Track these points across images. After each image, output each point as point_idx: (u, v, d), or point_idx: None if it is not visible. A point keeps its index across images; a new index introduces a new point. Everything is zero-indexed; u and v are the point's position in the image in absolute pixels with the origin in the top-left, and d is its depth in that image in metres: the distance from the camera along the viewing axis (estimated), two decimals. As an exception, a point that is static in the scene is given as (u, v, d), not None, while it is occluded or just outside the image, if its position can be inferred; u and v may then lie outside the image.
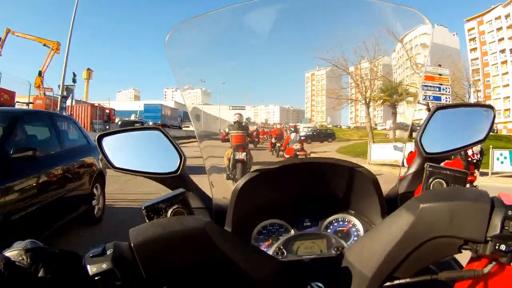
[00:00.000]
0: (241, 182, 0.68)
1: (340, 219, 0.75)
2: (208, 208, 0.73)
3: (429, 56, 10.66)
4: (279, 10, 0.80)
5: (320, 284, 0.50)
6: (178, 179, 0.70)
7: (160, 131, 0.72)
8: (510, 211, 0.41)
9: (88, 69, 32.52)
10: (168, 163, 0.71)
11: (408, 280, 0.47)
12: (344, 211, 0.75)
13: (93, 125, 23.19)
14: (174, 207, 0.53)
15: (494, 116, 0.73)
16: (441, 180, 0.61)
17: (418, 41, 16.36)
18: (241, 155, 4.22)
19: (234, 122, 4.03)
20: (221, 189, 0.79)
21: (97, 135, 0.71)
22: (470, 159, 4.68)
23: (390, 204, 0.71)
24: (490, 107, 0.73)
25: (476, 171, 4.82)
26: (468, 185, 4.19)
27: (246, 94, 1.27)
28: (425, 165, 0.63)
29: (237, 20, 0.79)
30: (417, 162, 0.73)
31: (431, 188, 0.61)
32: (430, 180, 0.61)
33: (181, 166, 0.71)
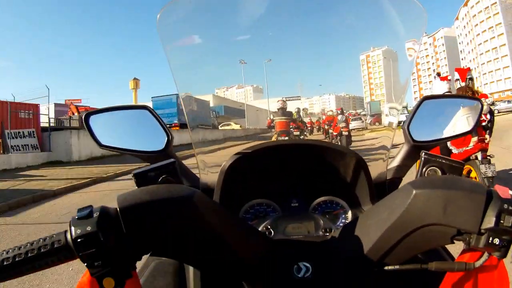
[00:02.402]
0: (228, 162, 0.68)
1: (328, 202, 0.75)
2: (195, 187, 0.72)
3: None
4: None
5: (307, 264, 0.49)
6: (165, 158, 0.70)
7: (147, 109, 0.72)
8: (506, 205, 0.40)
9: (135, 78, 30.53)
10: (155, 142, 0.71)
11: (397, 267, 0.46)
12: (333, 194, 0.75)
13: (4, 137, 11.36)
14: (164, 176, 0.54)
15: (482, 108, 0.75)
16: (436, 168, 0.60)
17: None
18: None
19: (278, 109, 4.06)
20: (208, 169, 0.79)
21: (84, 114, 0.70)
22: None
23: (378, 189, 0.71)
24: (478, 99, 0.76)
25: (487, 136, 3.65)
26: (480, 154, 3.55)
27: (299, 84, 1.21)
28: (421, 152, 0.63)
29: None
30: (405, 149, 0.74)
31: (425, 175, 0.60)
32: (425, 168, 0.61)
33: (168, 144, 0.71)
